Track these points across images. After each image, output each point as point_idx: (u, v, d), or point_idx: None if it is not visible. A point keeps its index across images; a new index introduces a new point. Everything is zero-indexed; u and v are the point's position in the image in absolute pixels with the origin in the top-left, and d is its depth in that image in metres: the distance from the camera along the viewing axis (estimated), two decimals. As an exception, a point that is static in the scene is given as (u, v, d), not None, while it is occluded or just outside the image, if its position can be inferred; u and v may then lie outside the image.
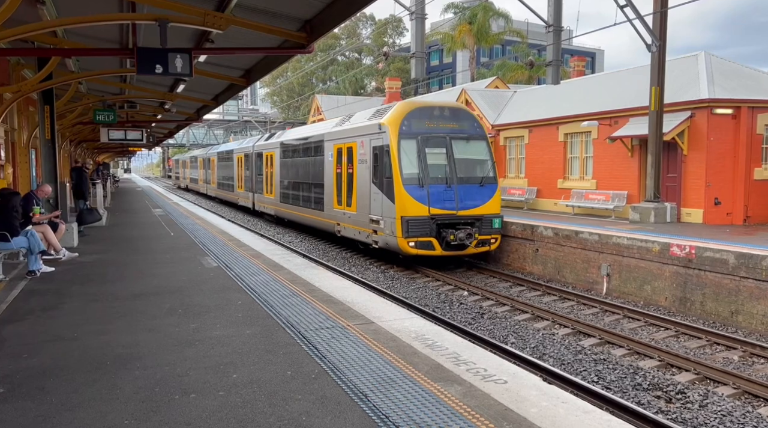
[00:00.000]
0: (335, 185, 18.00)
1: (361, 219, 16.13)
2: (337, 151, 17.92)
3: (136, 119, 22.68)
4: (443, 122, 15.23)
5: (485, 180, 15.17)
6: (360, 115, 17.99)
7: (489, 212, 14.94)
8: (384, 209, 14.75)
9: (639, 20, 16.17)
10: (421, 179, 14.43)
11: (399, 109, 15.32)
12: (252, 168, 29.17)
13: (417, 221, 14.08)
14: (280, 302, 7.23)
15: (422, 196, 14.30)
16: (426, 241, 14.24)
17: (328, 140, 18.82)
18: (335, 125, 19.16)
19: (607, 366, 8.15)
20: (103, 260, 10.86)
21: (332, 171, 18.22)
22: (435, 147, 14.89)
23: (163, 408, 4.14)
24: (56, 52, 10.44)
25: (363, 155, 16.00)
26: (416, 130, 14.83)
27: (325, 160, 18.86)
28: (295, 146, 22.56)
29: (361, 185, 16.12)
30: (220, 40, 10.09)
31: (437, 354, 5.22)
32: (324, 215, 19.02)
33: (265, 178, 26.61)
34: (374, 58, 68.57)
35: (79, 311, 6.95)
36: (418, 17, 29.46)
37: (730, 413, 6.61)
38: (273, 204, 25.56)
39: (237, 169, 32.79)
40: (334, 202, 18.12)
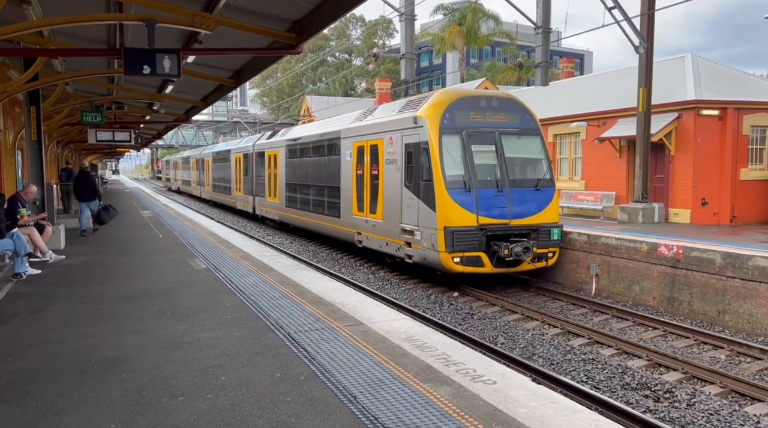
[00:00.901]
0: (355, 189, 15.90)
1: (389, 229, 13.97)
2: (357, 149, 15.71)
3: (124, 120, 22.52)
4: (491, 114, 12.98)
5: (541, 183, 12.96)
6: (385, 108, 15.84)
7: (546, 220, 12.83)
8: (421, 218, 12.59)
9: (627, 22, 16.29)
10: (467, 182, 12.21)
11: (439, 99, 12.98)
12: (252, 169, 26.94)
13: (463, 233, 11.93)
14: (270, 304, 7.20)
15: (469, 202, 12.13)
16: (474, 256, 12.05)
17: (345, 138, 16.55)
18: (354, 119, 16.78)
19: (596, 365, 8.19)
20: (90, 262, 10.76)
21: (351, 172, 16.08)
22: (482, 144, 12.69)
23: (151, 411, 4.11)
24: (42, 52, 10.35)
25: (392, 153, 13.83)
26: (460, 123, 12.61)
27: (342, 160, 16.67)
28: (304, 145, 20.24)
29: (389, 189, 13.96)
30: (209, 40, 10.05)
31: (427, 355, 5.22)
32: (340, 222, 16.88)
33: (268, 180, 24.37)
34: (364, 59, 68.58)
35: (66, 314, 6.89)
36: (408, 18, 29.50)
37: (717, 412, 6.66)
38: (277, 209, 23.30)
39: (235, 170, 30.42)
40: (353, 208, 16.01)
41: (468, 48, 42.40)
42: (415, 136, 12.89)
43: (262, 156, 25.30)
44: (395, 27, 66.30)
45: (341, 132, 16.91)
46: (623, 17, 16.25)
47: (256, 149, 26.33)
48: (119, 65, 10.77)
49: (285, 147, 22.29)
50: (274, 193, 23.51)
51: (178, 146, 68.59)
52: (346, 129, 16.67)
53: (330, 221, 17.76)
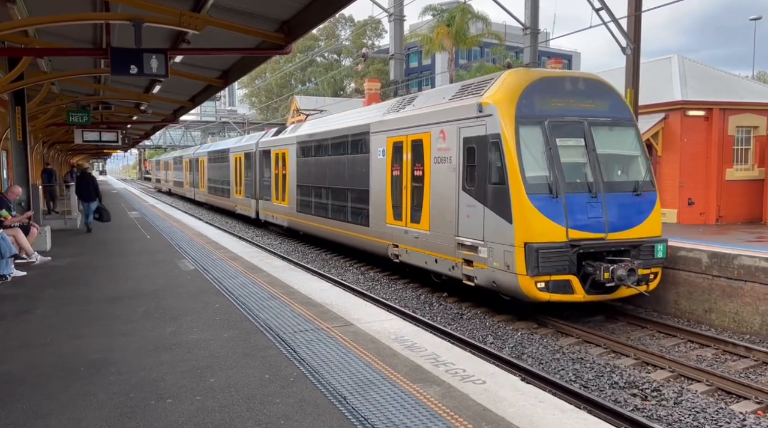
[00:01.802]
0: (389, 193, 13.61)
1: (439, 242, 11.63)
2: (392, 146, 13.40)
3: (111, 120, 22.33)
4: (577, 99, 10.59)
5: (641, 186, 10.51)
6: (430, 95, 13.19)
7: (648, 234, 10.32)
8: (489, 231, 10.18)
9: (614, 23, 16.42)
10: (553, 185, 9.77)
11: (512, 81, 10.47)
12: (255, 170, 24.47)
13: (550, 251, 9.47)
14: (259, 305, 7.18)
15: (556, 211, 9.69)
16: (562, 281, 9.62)
17: (377, 132, 14.21)
18: (388, 110, 14.31)
19: (584, 365, 8.24)
20: (77, 263, 10.66)
21: (384, 173, 13.79)
22: (569, 136, 10.31)
23: (139, 413, 4.08)
24: (27, 52, 10.24)
25: (444, 150, 11.46)
26: (541, 111, 10.20)
27: (372, 158, 14.40)
28: (321, 142, 17.72)
29: (439, 194, 11.62)
30: (197, 40, 10.00)
31: (416, 355, 5.22)
32: (370, 232, 14.54)
33: (275, 181, 22.00)
34: (353, 59, 68.54)
35: (52, 316, 6.82)
36: (397, 19, 29.53)
37: (704, 409, 6.73)
38: (286, 214, 20.87)
39: (234, 171, 27.88)
40: (387, 215, 13.68)
41: (457, 49, 42.52)
42: (479, 127, 10.47)
43: (268, 155, 22.94)
44: (384, 27, 66.37)
45: (371, 126, 14.51)
46: (610, 18, 16.38)
47: (260, 147, 23.96)
48: (106, 65, 10.68)
49: (296, 145, 19.80)
50: (282, 196, 21.21)
51: (166, 147, 68.18)
52: (377, 122, 14.24)
53: (355, 230, 15.34)
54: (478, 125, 10.52)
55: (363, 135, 14.97)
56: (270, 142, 22.91)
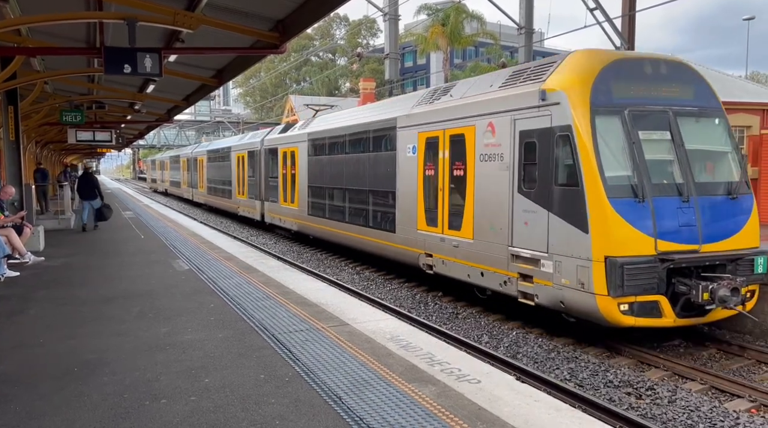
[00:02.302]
0: (421, 195, 12.10)
1: (486, 252, 10.14)
2: (426, 142, 11.84)
3: (104, 119, 22.26)
4: (659, 85, 9.03)
5: (736, 188, 8.95)
6: (471, 83, 11.44)
7: (746, 244, 8.80)
8: (556, 241, 8.65)
9: (608, 23, 16.49)
10: (638, 187, 8.24)
11: (582, 62, 8.97)
12: (260, 169, 22.96)
13: (637, 266, 7.95)
14: (254, 305, 7.16)
15: (642, 218, 8.17)
16: (650, 302, 8.08)
17: (406, 127, 12.57)
18: (418, 102, 12.68)
19: (578, 364, 8.26)
20: (71, 263, 10.61)
21: (415, 173, 12.24)
22: (653, 129, 8.84)
23: (133, 414, 4.06)
24: (20, 51, 10.18)
25: (492, 145, 9.95)
26: (620, 99, 8.69)
27: (400, 156, 12.84)
28: (337, 138, 16.13)
29: (486, 196, 10.14)
30: (191, 39, 9.97)
31: (412, 355, 5.22)
32: (397, 238, 13.05)
33: (282, 182, 20.51)
34: (348, 58, 68.53)
35: (46, 317, 6.78)
36: (392, 18, 29.61)
37: (698, 408, 6.76)
38: (295, 217, 19.34)
39: (237, 170, 26.29)
40: (418, 220, 12.18)
41: (452, 48, 42.56)
42: (541, 118, 8.98)
43: (274, 154, 21.34)
44: (379, 27, 66.42)
45: (397, 120, 12.95)
46: (605, 18, 16.45)
47: (266, 145, 22.43)
48: (99, 64, 10.62)
49: (308, 142, 18.18)
50: (291, 198, 19.66)
51: (160, 146, 67.95)
52: (405, 116, 12.68)
53: (379, 237, 13.87)
54: (541, 116, 9.00)
55: (388, 130, 13.42)
56: (277, 139, 21.33)
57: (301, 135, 18.92)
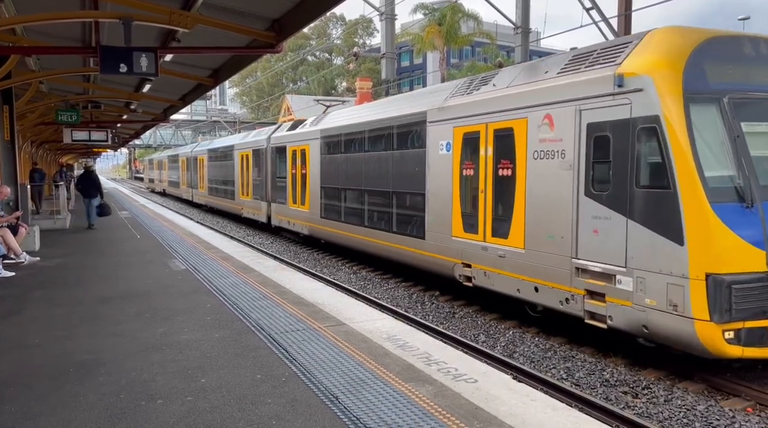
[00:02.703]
0: (457, 197, 10.80)
1: (541, 264, 8.79)
2: (463, 138, 10.60)
3: (100, 119, 22.22)
4: (761, 68, 7.73)
5: None
6: (520, 70, 10.09)
7: None
8: (638, 253, 7.37)
9: (604, 23, 16.52)
10: (744, 189, 7.02)
11: (670, 41, 7.61)
12: (266, 169, 21.77)
13: (747, 285, 6.74)
14: (250, 305, 7.15)
15: (749, 226, 6.95)
16: (761, 329, 6.88)
17: (438, 122, 11.28)
18: (453, 93, 11.24)
19: (575, 363, 8.27)
20: (66, 263, 10.58)
21: (450, 172, 10.93)
22: (759, 120, 7.61)
23: (129, 414, 4.05)
24: (15, 50, 10.14)
25: (551, 141, 8.64)
26: (717, 84, 7.42)
27: (430, 154, 11.56)
28: (355, 135, 14.86)
29: (541, 199, 8.81)
30: (187, 39, 9.95)
31: (409, 355, 5.22)
32: (427, 246, 11.75)
33: (292, 182, 19.23)
34: (344, 58, 68.51)
35: (41, 317, 6.76)
36: (388, 18, 29.61)
37: (694, 407, 6.78)
38: (306, 220, 18.07)
39: (241, 170, 25.02)
40: (453, 226, 10.88)
41: (448, 48, 42.60)
42: (617, 109, 7.67)
43: (282, 152, 20.11)
44: (376, 26, 66.35)
45: (428, 114, 11.63)
46: (601, 18, 16.48)
47: (273, 143, 21.18)
48: (95, 64, 10.59)
49: (320, 139, 16.88)
50: (302, 199, 18.40)
51: (156, 146, 67.81)
52: (438, 109, 11.31)
53: (405, 243, 12.56)
54: (616, 106, 7.70)
55: (415, 126, 12.11)
56: (285, 137, 20.01)
57: (313, 132, 17.54)
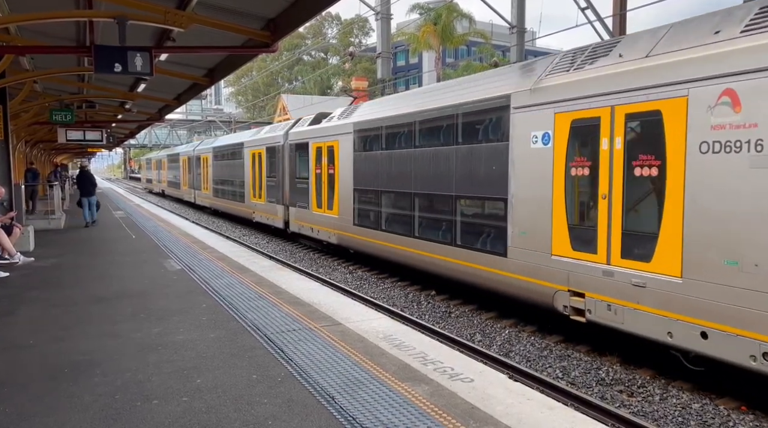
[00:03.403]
0: (561, 204, 8.46)
1: (716, 299, 6.52)
2: (571, 126, 8.26)
3: (95, 119, 22.12)
4: None
5: None
6: (659, 35, 7.64)
7: None
8: None
9: (599, 23, 16.56)
10: None
11: None
12: (283, 168, 19.71)
13: None
14: (246, 305, 7.14)
15: None
16: None
17: (529, 107, 8.99)
18: (550, 70, 8.95)
19: (571, 362, 8.29)
20: (61, 263, 10.54)
21: (549, 171, 8.62)
22: None
23: (124, 415, 4.04)
24: (9, 49, 10.09)
25: (732, 128, 6.41)
26: None
27: (516, 148, 9.24)
28: (402, 127, 12.46)
29: (708, 210, 6.64)
30: (182, 38, 9.91)
31: (405, 354, 5.23)
32: (512, 265, 9.40)
33: (316, 184, 17.03)
34: (340, 58, 68.46)
35: (36, 318, 6.73)
36: (384, 17, 29.61)
37: (689, 405, 6.80)
38: (334, 227, 15.83)
39: (252, 170, 22.93)
40: (554, 240, 8.56)
41: (444, 47, 42.64)
42: None
43: (303, 149, 17.83)
44: (371, 26, 66.36)
45: (512, 98, 9.33)
46: (596, 17, 16.52)
47: (292, 139, 18.92)
48: (90, 63, 10.55)
49: (353, 133, 14.63)
50: (329, 203, 16.19)
51: (151, 146, 67.61)
52: (530, 90, 8.98)
53: (477, 261, 10.19)
54: None
55: (492, 113, 9.84)
56: (307, 133, 17.69)
57: (343, 126, 15.24)
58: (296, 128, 19.22)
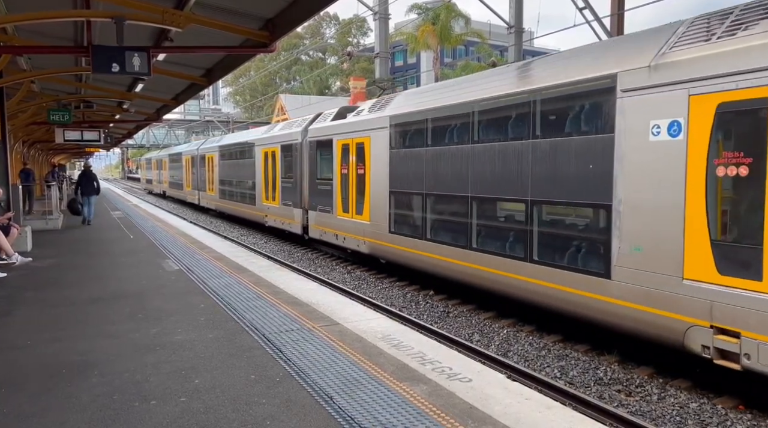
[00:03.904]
0: (699, 213, 6.57)
1: None
2: (716, 113, 6.41)
3: (93, 119, 22.09)
4: None
5: None
6: None
7: None
8: None
9: (597, 22, 16.58)
10: None
11: None
12: (301, 168, 17.87)
13: None
14: (244, 305, 7.13)
15: None
16: None
17: (646, 90, 7.12)
18: (674, 43, 7.08)
19: (569, 361, 8.30)
20: (59, 264, 10.52)
21: (680, 171, 6.76)
22: None
23: (122, 415, 4.03)
24: (6, 49, 10.07)
25: None
26: None
27: (625, 142, 7.39)
28: (454, 120, 10.66)
29: None
30: (180, 38, 9.90)
31: (403, 354, 5.22)
32: (616, 288, 7.57)
33: (341, 186, 15.14)
34: (338, 57, 68.45)
35: (34, 318, 6.72)
36: (382, 17, 29.60)
37: (687, 404, 6.81)
38: (365, 234, 14.05)
39: (264, 170, 21.22)
40: (687, 260, 6.68)
41: (442, 47, 42.66)
42: None
43: (326, 147, 15.95)
44: (369, 26, 66.38)
45: (620, 78, 7.43)
46: (594, 17, 16.54)
47: (312, 136, 16.96)
48: (87, 63, 10.53)
49: (390, 128, 12.71)
50: (358, 207, 14.38)
51: (149, 146, 67.52)
52: (650, 68, 7.06)
53: (566, 282, 8.33)
54: None
55: (587, 98, 8.00)
56: (331, 128, 15.82)
57: (376, 119, 13.28)
58: (317, 123, 17.22)
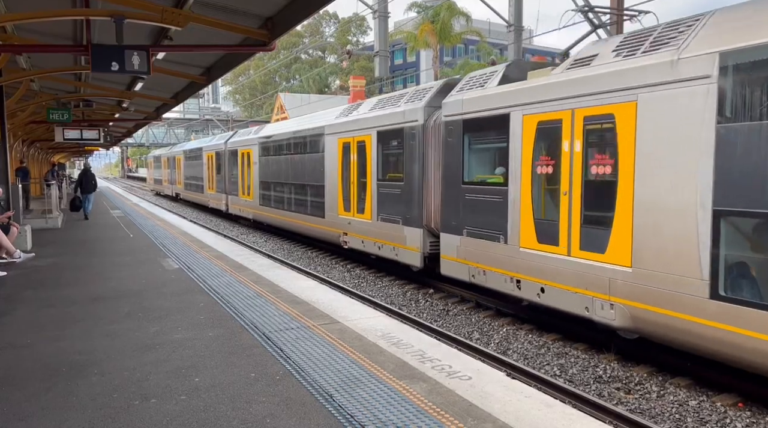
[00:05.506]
0: None
1: None
2: None
3: (92, 117, 22.09)
4: None
5: None
6: None
7: None
8: None
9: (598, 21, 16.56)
10: None
11: None
12: (419, 168, 11.61)
13: None
14: (244, 304, 7.14)
15: None
16: None
17: None
18: None
19: (568, 359, 8.31)
20: (59, 263, 10.52)
21: None
22: None
23: (122, 414, 4.04)
24: (5, 48, 10.06)
25: None
26: None
27: None
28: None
29: None
30: (179, 37, 9.89)
31: (403, 352, 5.23)
32: None
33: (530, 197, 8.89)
34: (338, 56, 68.42)
35: (33, 317, 6.72)
36: (381, 16, 29.61)
37: (686, 402, 6.82)
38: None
39: (342, 170, 14.89)
40: None
41: (441, 46, 42.63)
42: None
43: (481, 132, 9.93)
44: (369, 24, 66.32)
45: None
46: (595, 18, 16.51)
47: (449, 114, 10.44)
48: (86, 62, 10.53)
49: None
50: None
51: (149, 145, 67.52)
52: None
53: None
54: None
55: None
56: (484, 100, 9.58)
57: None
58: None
